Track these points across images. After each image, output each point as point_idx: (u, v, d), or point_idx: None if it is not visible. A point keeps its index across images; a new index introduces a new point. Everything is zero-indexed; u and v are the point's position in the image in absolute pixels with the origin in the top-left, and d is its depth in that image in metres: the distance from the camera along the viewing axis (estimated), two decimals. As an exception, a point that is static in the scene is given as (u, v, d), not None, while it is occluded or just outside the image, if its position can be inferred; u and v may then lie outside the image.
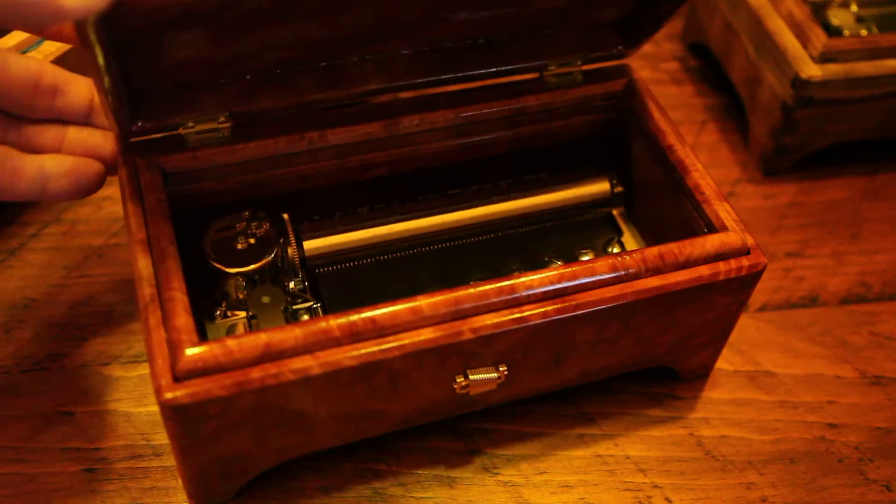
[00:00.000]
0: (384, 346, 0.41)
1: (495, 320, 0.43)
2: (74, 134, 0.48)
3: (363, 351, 0.41)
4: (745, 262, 0.46)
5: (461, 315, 0.43)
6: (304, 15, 0.44)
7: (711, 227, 0.48)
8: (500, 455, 0.50)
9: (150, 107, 0.47)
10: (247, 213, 0.51)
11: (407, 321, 0.42)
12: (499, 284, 0.43)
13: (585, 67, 0.55)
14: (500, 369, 0.45)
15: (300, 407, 0.43)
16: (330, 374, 0.41)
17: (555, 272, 0.44)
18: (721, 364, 0.55)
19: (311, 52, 0.48)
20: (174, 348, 0.40)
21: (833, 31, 0.65)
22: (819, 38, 0.61)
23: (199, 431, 0.41)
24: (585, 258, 0.54)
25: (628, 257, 0.45)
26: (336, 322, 0.41)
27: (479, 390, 0.46)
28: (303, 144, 0.50)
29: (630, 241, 0.57)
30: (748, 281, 0.47)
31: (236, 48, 0.45)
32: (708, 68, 0.75)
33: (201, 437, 0.41)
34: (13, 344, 0.53)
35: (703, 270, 0.46)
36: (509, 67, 0.53)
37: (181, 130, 0.48)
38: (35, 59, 0.47)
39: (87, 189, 0.48)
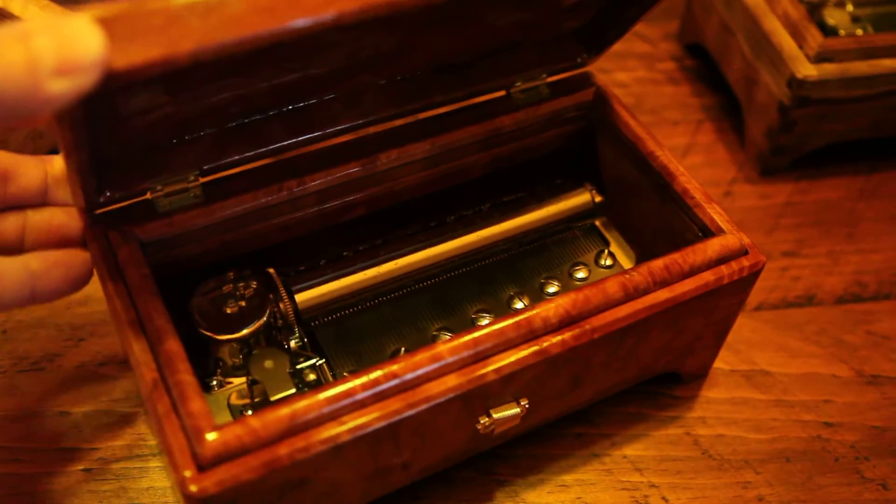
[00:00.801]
0: (411, 400, 0.40)
1: (517, 356, 0.42)
2: (35, 217, 0.44)
3: (390, 409, 0.39)
4: (745, 262, 0.47)
5: (482, 356, 0.42)
6: (276, 62, 0.42)
7: (707, 231, 0.48)
8: (496, 454, 0.50)
9: (115, 175, 0.44)
10: (231, 273, 0.48)
11: (429, 370, 0.40)
12: (515, 319, 0.42)
13: (550, 79, 0.54)
14: (522, 403, 0.44)
15: (328, 475, 0.41)
16: (359, 438, 0.39)
17: (568, 300, 0.43)
18: (718, 364, 0.55)
19: (280, 97, 0.46)
20: (193, 436, 0.37)
21: (829, 31, 0.65)
22: (815, 38, 0.62)
23: None
24: (580, 275, 0.54)
25: (636, 274, 0.45)
26: (359, 382, 0.39)
27: (503, 428, 0.45)
28: (283, 195, 0.48)
29: (617, 250, 0.56)
30: (749, 280, 0.47)
31: (205, 104, 0.42)
32: (704, 68, 0.75)
33: None
34: (10, 344, 0.53)
35: (708, 276, 0.46)
36: (476, 89, 0.52)
37: (149, 195, 0.45)
38: None
39: (79, 281, 0.45)
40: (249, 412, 0.46)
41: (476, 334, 0.41)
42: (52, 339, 0.54)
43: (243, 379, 0.47)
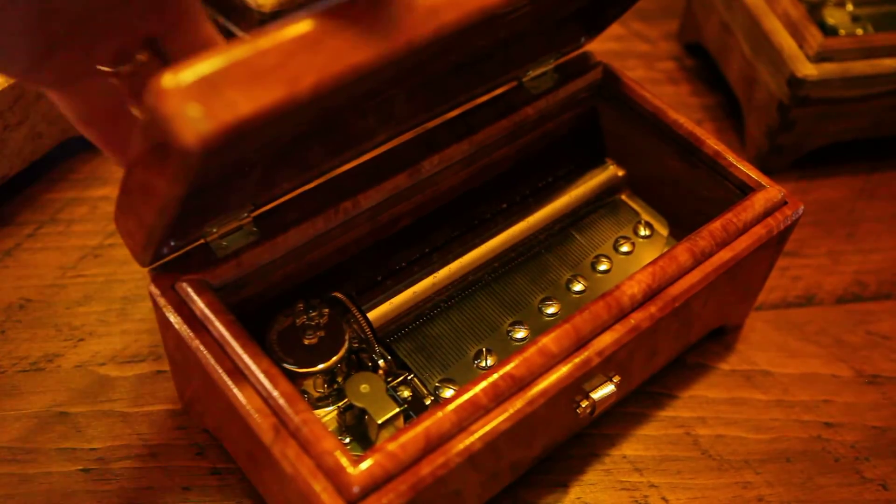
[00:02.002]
0: (529, 398, 0.41)
1: (614, 337, 0.44)
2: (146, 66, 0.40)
3: (513, 410, 0.40)
4: (787, 211, 0.50)
5: (584, 342, 0.43)
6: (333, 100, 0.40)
7: (745, 188, 0.51)
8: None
9: (176, 225, 0.41)
10: (300, 304, 0.47)
11: (540, 365, 0.41)
12: (605, 300, 0.44)
13: (556, 63, 0.55)
14: (615, 380, 0.45)
15: (460, 485, 0.41)
16: (489, 443, 0.40)
17: (646, 273, 0.45)
18: (717, 363, 0.55)
19: (321, 125, 0.45)
20: (335, 474, 0.37)
21: (829, 31, 0.65)
22: (815, 38, 0.61)
23: None
24: (625, 249, 0.56)
25: (699, 239, 0.47)
26: (481, 388, 0.40)
27: (601, 408, 0.45)
28: (339, 217, 0.47)
29: (649, 219, 0.58)
30: (791, 227, 0.51)
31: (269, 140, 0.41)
32: (704, 68, 0.75)
33: None
34: (9, 344, 0.53)
35: (760, 230, 0.49)
36: (493, 83, 0.53)
37: (205, 240, 0.44)
38: (214, 32, 0.40)
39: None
40: (347, 440, 0.46)
41: (574, 321, 0.43)
42: (51, 340, 0.54)
43: (332, 409, 0.47)
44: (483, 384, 0.40)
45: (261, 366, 0.39)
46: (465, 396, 0.40)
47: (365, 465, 0.37)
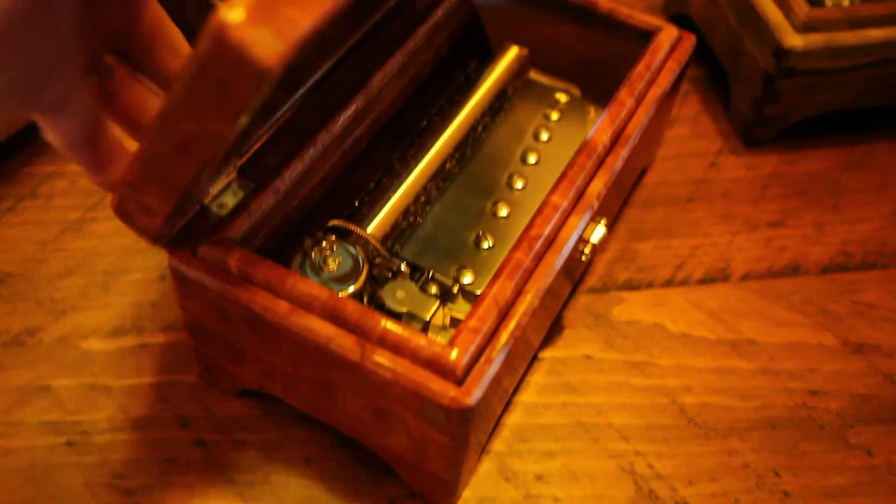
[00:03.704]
0: (560, 251, 0.45)
1: (603, 179, 0.48)
2: (136, 89, 0.40)
3: (551, 264, 0.44)
4: (686, 44, 0.57)
5: (581, 191, 0.47)
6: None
7: (646, 34, 0.57)
8: (483, 424, 0.50)
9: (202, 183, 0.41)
10: (307, 240, 0.47)
11: (557, 217, 0.45)
12: (584, 151, 0.48)
13: None
14: (602, 222, 0.49)
15: (531, 338, 0.47)
16: (542, 299, 0.44)
17: (607, 121, 0.50)
18: (703, 332, 0.55)
19: None
20: (435, 363, 0.39)
21: (815, 1, 0.65)
22: (801, 8, 0.61)
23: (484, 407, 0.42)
24: (555, 116, 0.59)
25: (633, 82, 0.52)
26: (520, 254, 0.43)
27: (597, 254, 0.53)
28: (319, 149, 0.48)
29: (565, 86, 0.62)
30: (690, 60, 0.57)
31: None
32: (690, 40, 0.75)
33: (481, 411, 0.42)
34: (-10, 318, 0.53)
35: (672, 65, 0.55)
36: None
37: (204, 203, 0.44)
38: (161, 11, 0.40)
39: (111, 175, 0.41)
40: None
41: (567, 172, 0.47)
42: (32, 313, 0.53)
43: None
44: (524, 246, 0.44)
45: (322, 294, 0.41)
46: (511, 263, 0.43)
47: (458, 344, 0.40)
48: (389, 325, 0.40)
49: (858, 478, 0.50)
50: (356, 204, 0.52)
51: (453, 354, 0.39)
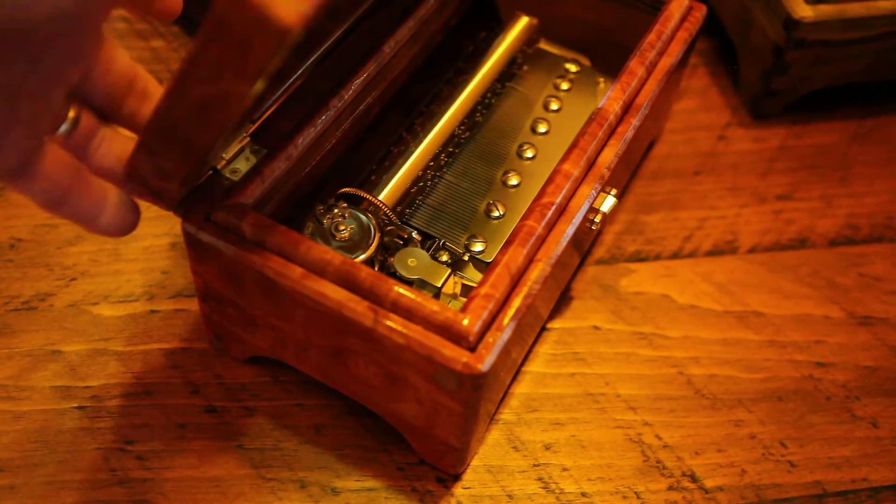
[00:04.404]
0: (574, 220, 0.45)
1: (612, 150, 0.48)
2: (113, 140, 0.40)
3: (566, 231, 0.44)
4: (696, 13, 0.56)
5: (592, 160, 0.47)
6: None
7: (656, 4, 0.56)
8: (491, 393, 0.50)
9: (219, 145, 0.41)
10: (319, 207, 0.47)
11: (569, 186, 0.45)
12: (596, 120, 0.48)
13: None
14: (612, 192, 0.48)
15: (540, 308, 0.47)
16: (554, 267, 0.44)
17: (617, 90, 0.50)
18: (710, 304, 0.56)
19: None
20: (448, 328, 0.39)
21: (826, -28, 0.64)
22: (812, -21, 0.61)
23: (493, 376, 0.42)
24: (565, 87, 0.59)
25: (644, 51, 0.52)
26: (532, 221, 0.43)
27: (606, 225, 0.53)
28: (331, 115, 0.48)
29: (574, 56, 0.62)
30: (701, 30, 0.57)
31: None
32: (699, 11, 0.75)
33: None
34: (1, 283, 0.53)
35: (683, 34, 0.55)
36: None
37: (217, 168, 0.44)
38: (130, 59, 0.40)
39: (127, 230, 0.40)
40: None
41: (580, 143, 0.47)
42: (43, 279, 0.53)
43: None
44: (535, 213, 0.44)
45: (335, 259, 0.41)
46: (524, 229, 0.43)
47: (470, 310, 0.40)
48: (402, 290, 0.40)
49: (864, 449, 0.50)
50: (367, 172, 0.52)
51: (466, 321, 0.39)
